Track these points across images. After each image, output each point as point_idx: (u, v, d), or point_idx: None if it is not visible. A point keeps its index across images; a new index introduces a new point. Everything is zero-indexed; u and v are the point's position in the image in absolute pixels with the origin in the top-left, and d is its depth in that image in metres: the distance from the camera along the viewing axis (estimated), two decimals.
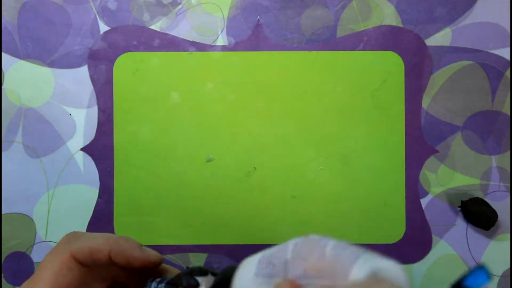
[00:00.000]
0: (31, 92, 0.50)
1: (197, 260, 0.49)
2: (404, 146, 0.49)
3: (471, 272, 0.27)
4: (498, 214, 0.50)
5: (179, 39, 0.50)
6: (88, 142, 0.50)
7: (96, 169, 0.50)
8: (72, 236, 0.36)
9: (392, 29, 0.49)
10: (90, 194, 0.50)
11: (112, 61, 0.50)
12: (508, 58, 0.49)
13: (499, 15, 0.49)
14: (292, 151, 0.50)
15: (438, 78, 0.50)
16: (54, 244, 0.50)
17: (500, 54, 0.49)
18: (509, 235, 0.49)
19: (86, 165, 0.50)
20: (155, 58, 0.50)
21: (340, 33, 0.49)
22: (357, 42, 0.49)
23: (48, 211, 0.50)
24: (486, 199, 0.49)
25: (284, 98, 0.50)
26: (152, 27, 0.50)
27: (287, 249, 0.29)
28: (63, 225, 0.50)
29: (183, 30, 0.50)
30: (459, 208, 0.49)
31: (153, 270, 0.38)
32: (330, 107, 0.50)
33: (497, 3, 0.49)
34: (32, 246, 0.50)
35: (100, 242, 0.36)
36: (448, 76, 0.50)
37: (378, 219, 0.49)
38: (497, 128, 0.49)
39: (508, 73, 0.49)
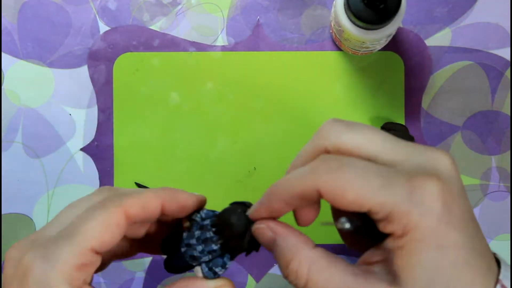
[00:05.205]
0: (31, 92, 0.50)
1: None
2: None
3: None
4: (498, 214, 0.50)
5: (179, 39, 0.50)
6: (88, 142, 0.50)
7: (96, 169, 0.50)
8: (117, 191, 0.33)
9: None
10: None
11: (112, 61, 0.50)
12: (508, 58, 0.49)
13: (499, 15, 0.49)
14: (292, 151, 0.50)
15: (438, 78, 0.50)
16: None
17: (500, 54, 0.49)
18: (509, 235, 0.49)
19: (86, 165, 0.50)
20: (155, 58, 0.50)
21: None
22: None
23: (48, 211, 0.50)
24: (486, 199, 0.49)
25: (284, 98, 0.50)
26: (152, 27, 0.50)
27: None
28: None
29: (183, 30, 0.50)
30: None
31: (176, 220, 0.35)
32: (330, 107, 0.50)
33: (497, 3, 0.49)
34: None
35: (151, 195, 0.33)
36: (448, 76, 0.50)
37: None
38: (497, 128, 0.49)
39: (508, 73, 0.49)
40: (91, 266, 0.31)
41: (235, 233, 0.36)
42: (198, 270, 0.37)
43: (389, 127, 0.48)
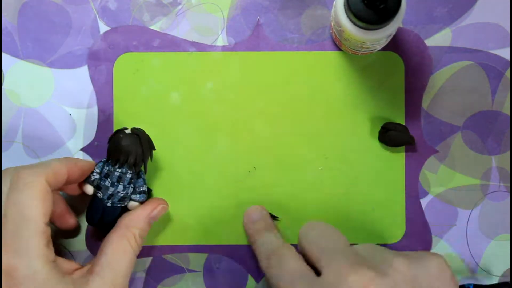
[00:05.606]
0: (31, 92, 0.50)
1: (197, 260, 0.49)
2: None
3: None
4: (498, 214, 0.50)
5: (179, 39, 0.50)
6: (88, 142, 0.50)
7: None
8: (28, 166, 0.40)
9: None
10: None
11: (112, 61, 0.50)
12: (508, 58, 0.49)
13: (499, 15, 0.49)
14: (292, 151, 0.50)
15: (438, 78, 0.50)
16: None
17: (500, 54, 0.49)
18: (509, 235, 0.50)
19: None
20: (155, 58, 0.50)
21: None
22: None
23: None
24: (486, 199, 0.49)
25: (284, 98, 0.50)
26: (152, 27, 0.50)
27: None
28: None
29: (183, 30, 0.50)
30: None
31: None
32: (330, 107, 0.50)
33: (497, 3, 0.49)
34: None
35: (59, 164, 0.40)
36: (448, 76, 0.50)
37: (378, 219, 0.49)
38: (497, 128, 0.49)
39: (508, 73, 0.49)
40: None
41: (129, 152, 0.41)
42: (133, 204, 0.42)
43: (389, 127, 0.48)
